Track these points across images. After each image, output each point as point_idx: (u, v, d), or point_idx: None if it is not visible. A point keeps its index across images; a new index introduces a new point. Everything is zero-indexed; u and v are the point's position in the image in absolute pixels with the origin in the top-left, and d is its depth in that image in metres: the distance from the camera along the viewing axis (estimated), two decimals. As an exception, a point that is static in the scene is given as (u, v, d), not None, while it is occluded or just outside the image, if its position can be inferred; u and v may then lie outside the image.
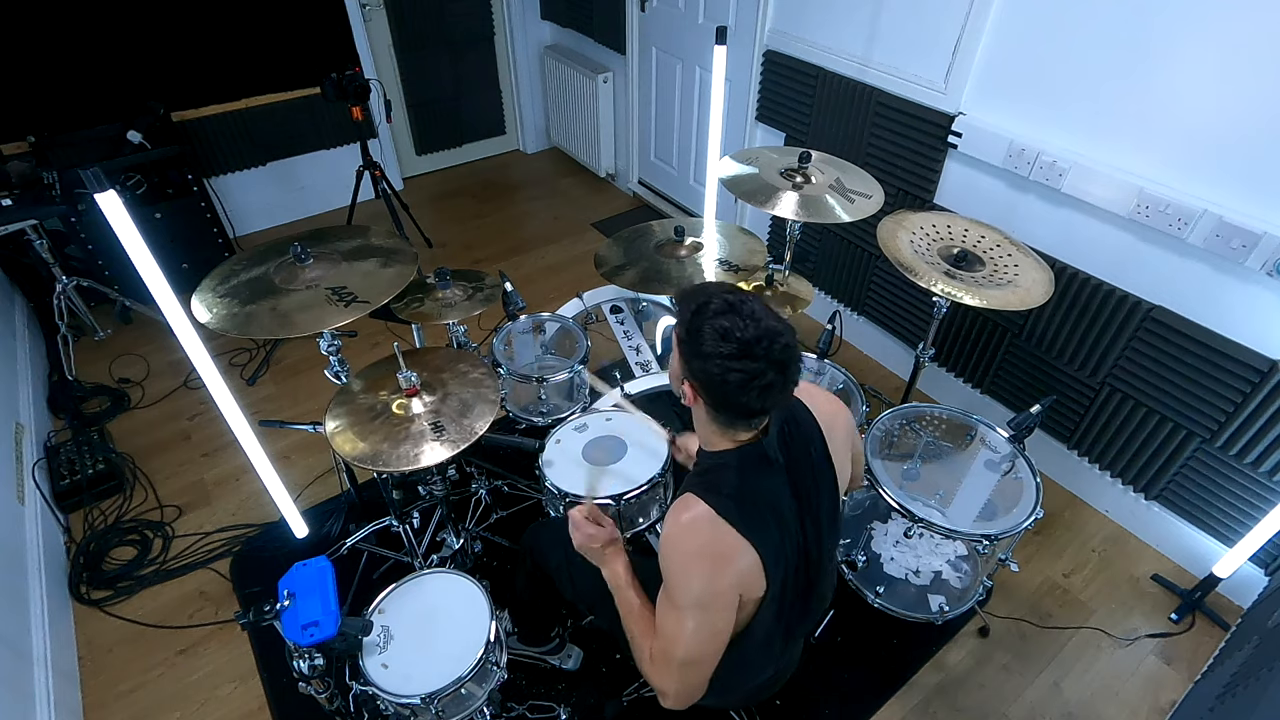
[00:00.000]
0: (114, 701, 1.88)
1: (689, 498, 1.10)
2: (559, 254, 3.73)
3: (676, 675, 1.14)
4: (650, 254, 2.04)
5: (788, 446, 1.14)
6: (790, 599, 1.18)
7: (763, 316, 1.03)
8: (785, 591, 1.15)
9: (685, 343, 1.06)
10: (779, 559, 1.10)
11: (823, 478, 1.21)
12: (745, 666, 1.28)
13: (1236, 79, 1.66)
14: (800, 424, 1.19)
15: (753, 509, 1.08)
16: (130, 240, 1.32)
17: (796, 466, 1.15)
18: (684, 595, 1.09)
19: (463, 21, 4.01)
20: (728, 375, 1.01)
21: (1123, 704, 1.90)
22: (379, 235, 1.83)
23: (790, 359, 1.03)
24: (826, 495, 1.21)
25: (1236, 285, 1.82)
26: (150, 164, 3.02)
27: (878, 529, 2.11)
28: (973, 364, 2.59)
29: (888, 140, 2.51)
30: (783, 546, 1.11)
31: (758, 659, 1.28)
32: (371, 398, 1.63)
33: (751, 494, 1.10)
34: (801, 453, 1.18)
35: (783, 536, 1.11)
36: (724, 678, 1.26)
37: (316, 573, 1.27)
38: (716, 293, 1.05)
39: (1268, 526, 1.86)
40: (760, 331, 1.01)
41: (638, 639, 1.21)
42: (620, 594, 1.25)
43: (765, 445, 1.11)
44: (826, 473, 1.21)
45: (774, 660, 1.34)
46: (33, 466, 2.32)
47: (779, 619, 1.19)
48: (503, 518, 2.27)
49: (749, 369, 1.01)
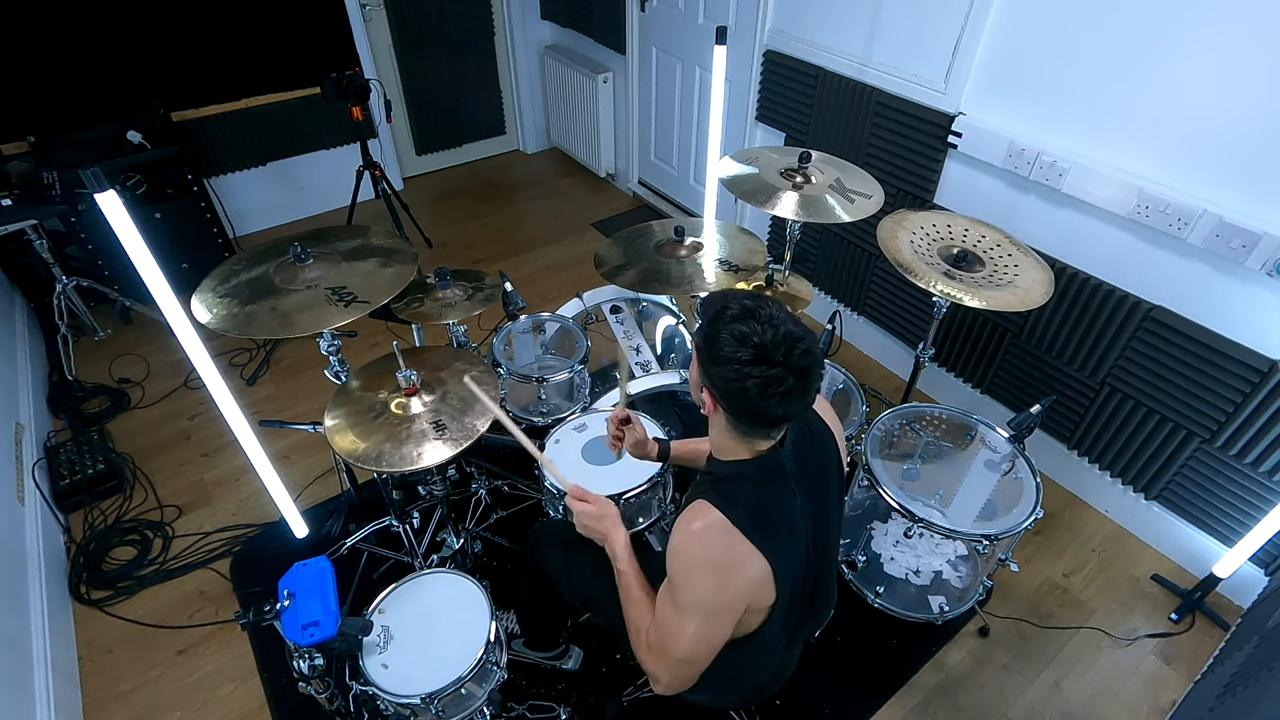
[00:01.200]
0: (114, 702, 1.88)
1: (703, 505, 1.07)
2: (559, 254, 3.73)
3: (671, 668, 1.15)
4: (650, 254, 2.04)
5: (802, 457, 1.13)
6: (799, 607, 1.18)
7: (782, 322, 1.00)
8: (794, 600, 1.15)
9: (703, 350, 1.05)
10: (789, 569, 1.10)
11: (833, 487, 1.20)
12: (747, 668, 1.28)
13: (1237, 79, 1.66)
14: (814, 432, 1.18)
15: (767, 520, 1.07)
16: (130, 240, 1.32)
17: (809, 477, 1.14)
18: (688, 600, 1.08)
19: (463, 21, 4.01)
20: (746, 382, 0.99)
21: (1123, 704, 1.90)
22: (379, 235, 1.83)
23: (811, 365, 1.00)
24: (835, 505, 1.21)
25: (1236, 285, 1.82)
26: (150, 164, 3.02)
27: (878, 529, 2.11)
28: (973, 364, 2.59)
29: (888, 140, 2.51)
30: (793, 557, 1.11)
31: (760, 661, 1.28)
32: (371, 397, 1.63)
33: (767, 505, 1.08)
34: (815, 464, 1.17)
35: (793, 546, 1.11)
36: (725, 679, 1.26)
37: (316, 573, 1.27)
38: (735, 298, 1.03)
39: (1268, 526, 1.86)
40: (779, 337, 0.99)
41: (634, 622, 1.21)
42: (620, 573, 1.24)
43: (782, 457, 1.10)
44: (836, 482, 1.21)
45: (776, 662, 1.34)
46: (33, 466, 2.32)
47: (785, 626, 1.19)
48: (503, 518, 2.27)
49: (768, 375, 0.99)
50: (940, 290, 1.78)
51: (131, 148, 2.93)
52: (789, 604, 1.13)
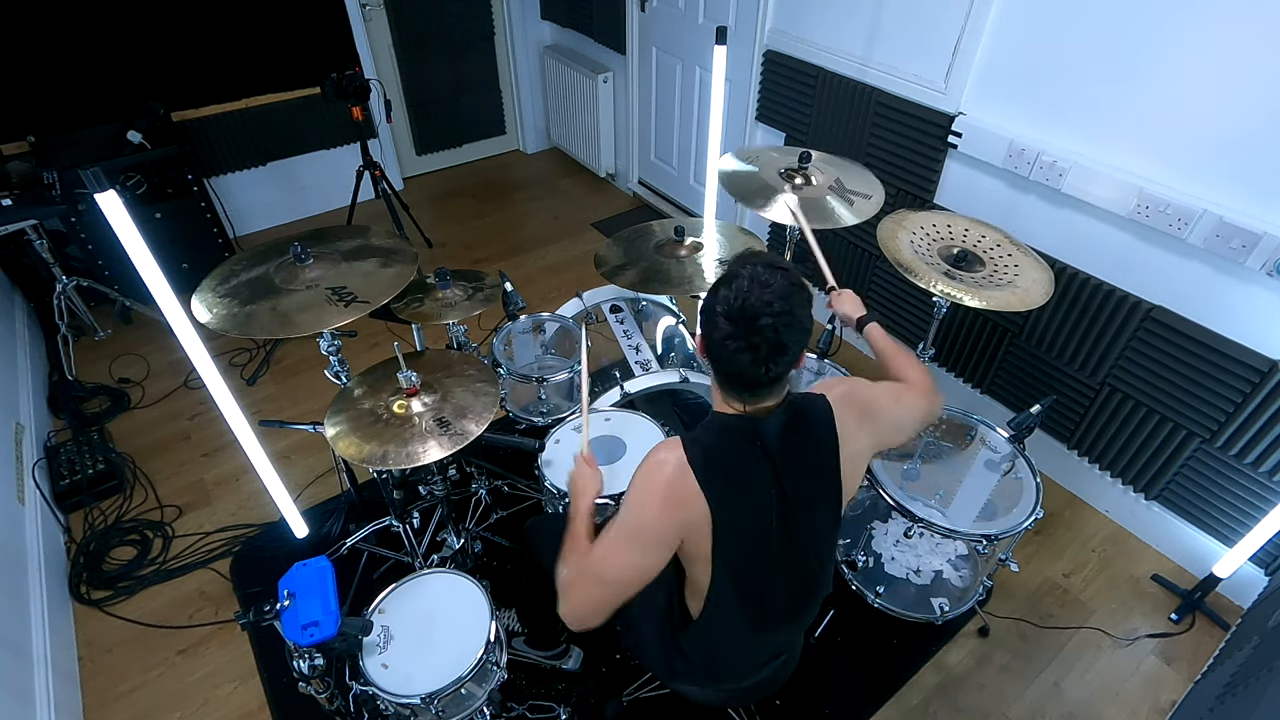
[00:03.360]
0: (114, 702, 1.88)
1: (674, 440, 1.15)
2: (559, 254, 3.73)
3: (587, 588, 1.17)
4: (650, 254, 2.04)
5: (789, 442, 1.14)
6: (749, 585, 1.20)
7: (761, 290, 1.04)
8: (741, 572, 1.17)
9: (705, 299, 1.12)
10: (733, 531, 1.13)
11: (822, 485, 1.20)
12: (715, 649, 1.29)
13: (1237, 78, 1.66)
14: (815, 424, 1.18)
15: (718, 470, 1.11)
16: (130, 240, 1.32)
17: (794, 465, 1.14)
18: (632, 520, 1.14)
19: (463, 21, 4.01)
20: (712, 334, 1.07)
21: (1123, 704, 1.90)
22: (379, 235, 1.83)
23: (771, 339, 1.03)
24: (822, 505, 1.21)
25: (1236, 285, 1.82)
26: (150, 164, 3.02)
27: (878, 529, 2.12)
28: (973, 364, 2.58)
29: (888, 140, 2.51)
30: (739, 519, 1.13)
31: (726, 640, 1.28)
32: (372, 400, 1.63)
33: (724, 457, 1.12)
34: (808, 455, 1.17)
35: (742, 510, 1.13)
36: (695, 658, 1.30)
37: (316, 573, 1.27)
38: (750, 260, 1.09)
39: (1268, 526, 1.86)
40: (750, 304, 1.03)
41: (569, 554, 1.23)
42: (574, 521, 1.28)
43: (761, 425, 1.12)
44: (829, 481, 1.20)
45: (747, 652, 1.34)
46: (33, 466, 2.32)
47: (741, 603, 1.20)
48: (503, 518, 2.28)
49: (734, 334, 1.04)
50: (940, 290, 1.78)
51: (131, 148, 2.93)
52: (736, 572, 1.16)
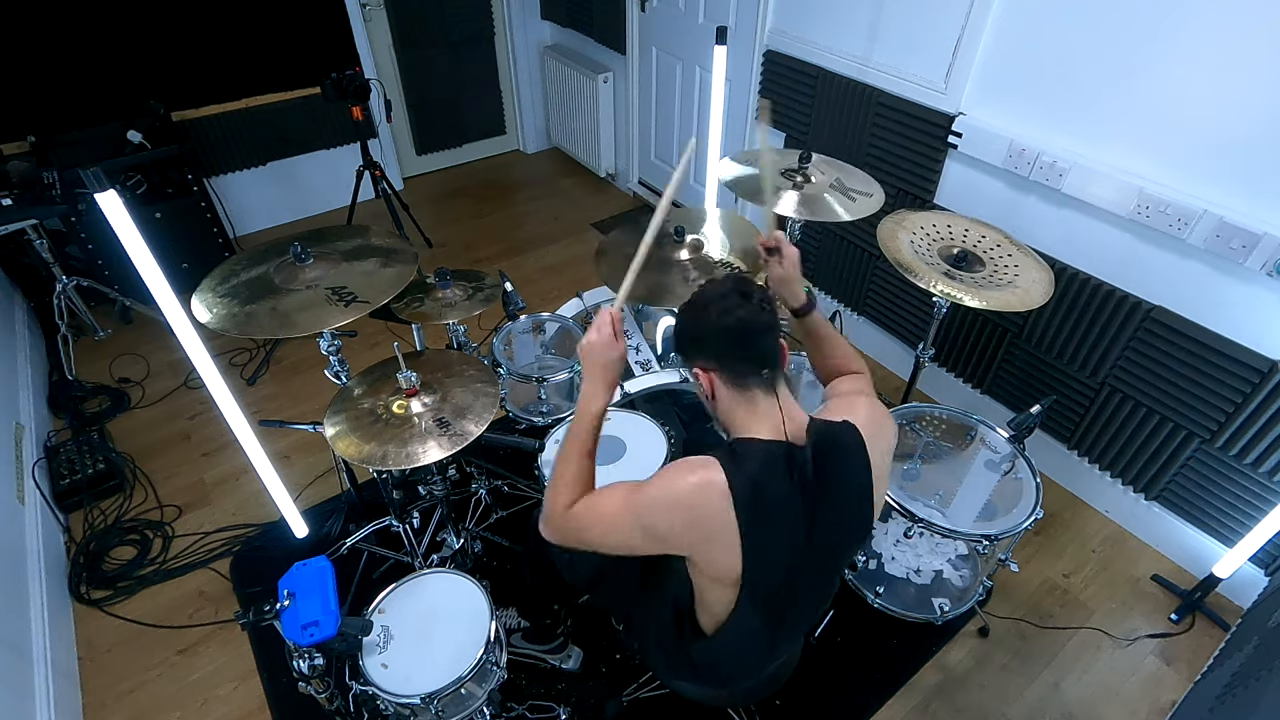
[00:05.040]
0: (114, 701, 1.88)
1: (713, 461, 1.06)
2: (559, 254, 3.73)
3: (574, 528, 1.16)
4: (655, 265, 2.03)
5: (820, 469, 1.09)
6: (775, 613, 1.16)
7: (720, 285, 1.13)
8: (770, 605, 1.14)
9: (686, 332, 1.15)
10: (763, 565, 1.08)
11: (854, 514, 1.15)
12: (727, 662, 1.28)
13: (1237, 79, 1.66)
14: (844, 449, 1.13)
15: (761, 506, 1.05)
16: (130, 240, 1.32)
17: (825, 492, 1.10)
18: (645, 517, 1.09)
19: (463, 21, 4.01)
20: (713, 333, 1.10)
21: (1123, 704, 1.90)
22: (379, 235, 1.83)
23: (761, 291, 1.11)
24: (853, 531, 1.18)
25: (1236, 285, 1.82)
26: (150, 164, 3.02)
27: (878, 529, 2.11)
28: (973, 364, 2.58)
29: (888, 140, 2.51)
30: (772, 555, 1.08)
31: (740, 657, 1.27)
32: (371, 401, 1.63)
33: (765, 489, 1.06)
34: (837, 483, 1.12)
35: (776, 546, 1.09)
36: (703, 669, 1.28)
37: (316, 573, 1.27)
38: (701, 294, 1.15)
39: (1268, 527, 1.86)
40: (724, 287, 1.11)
41: (560, 488, 1.18)
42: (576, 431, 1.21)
43: (795, 453, 1.07)
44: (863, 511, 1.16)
45: (759, 663, 1.33)
46: (33, 466, 2.32)
47: (766, 627, 1.18)
48: (503, 518, 2.28)
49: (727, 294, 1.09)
50: (940, 290, 1.79)
51: (132, 147, 2.93)
52: (766, 595, 1.12)
